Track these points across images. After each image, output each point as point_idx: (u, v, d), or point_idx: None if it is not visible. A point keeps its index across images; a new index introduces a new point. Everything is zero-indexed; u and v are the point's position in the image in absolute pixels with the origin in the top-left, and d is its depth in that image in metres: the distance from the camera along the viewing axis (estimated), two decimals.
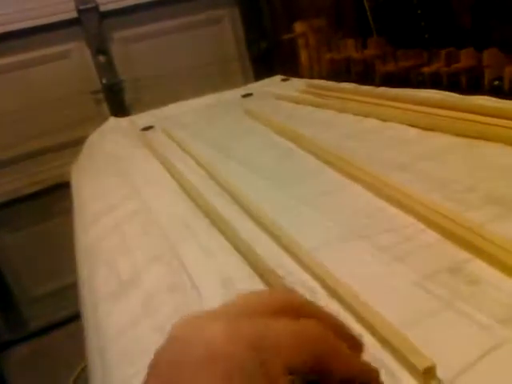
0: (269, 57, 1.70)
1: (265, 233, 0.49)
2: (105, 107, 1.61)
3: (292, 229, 0.47)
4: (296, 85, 1.20)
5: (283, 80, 1.32)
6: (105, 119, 1.27)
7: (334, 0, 1.35)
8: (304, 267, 0.41)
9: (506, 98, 0.73)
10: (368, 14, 1.19)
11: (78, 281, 0.57)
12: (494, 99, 0.74)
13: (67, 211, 0.86)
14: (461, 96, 0.80)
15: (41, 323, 1.65)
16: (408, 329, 0.31)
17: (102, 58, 1.61)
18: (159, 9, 1.67)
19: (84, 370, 1.31)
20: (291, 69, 1.39)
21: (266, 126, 0.89)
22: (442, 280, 0.36)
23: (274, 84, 1.29)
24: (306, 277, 0.40)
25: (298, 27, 1.33)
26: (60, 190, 1.34)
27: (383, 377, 0.27)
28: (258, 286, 0.40)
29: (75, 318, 0.57)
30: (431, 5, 1.10)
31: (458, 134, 0.64)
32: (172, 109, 1.22)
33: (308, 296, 0.37)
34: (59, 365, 1.41)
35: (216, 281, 0.43)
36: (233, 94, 1.24)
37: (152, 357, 0.20)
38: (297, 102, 1.03)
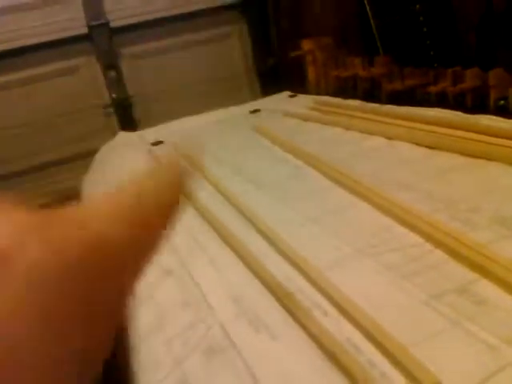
0: (276, 73, 1.72)
1: (274, 249, 0.50)
2: (114, 121, 1.64)
3: (300, 246, 0.48)
4: (303, 101, 1.22)
5: (291, 96, 1.33)
6: (114, 133, 1.29)
7: (340, 18, 1.38)
8: (313, 285, 0.42)
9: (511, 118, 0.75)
10: (374, 32, 1.21)
11: None
12: (499, 119, 0.76)
13: None
14: (466, 115, 0.81)
15: None
16: (415, 347, 0.32)
17: (111, 73, 1.64)
18: (168, 25, 1.70)
19: None
20: (298, 85, 1.41)
21: (274, 142, 0.90)
22: (449, 300, 0.37)
23: (281, 100, 1.31)
24: (316, 294, 0.41)
25: (306, 45, 1.35)
26: (70, 203, 1.36)
27: None
28: (268, 301, 0.41)
29: None
30: (437, 24, 1.12)
31: (463, 154, 0.65)
32: (181, 124, 1.24)
33: (318, 314, 0.38)
34: None
35: (227, 296, 0.44)
36: (241, 110, 1.26)
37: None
38: (304, 118, 1.04)
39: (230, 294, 0.44)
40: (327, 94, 1.26)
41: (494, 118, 0.77)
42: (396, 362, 0.31)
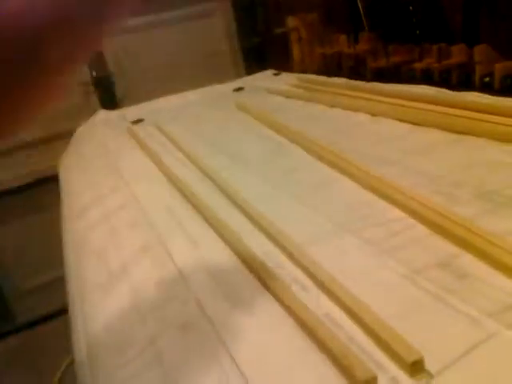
0: (261, 51, 1.69)
1: (254, 226, 0.49)
2: (94, 100, 1.60)
3: (281, 222, 0.47)
4: (287, 79, 1.20)
5: (275, 74, 1.31)
6: (94, 112, 1.25)
7: None
8: (293, 260, 0.41)
9: (496, 95, 0.74)
10: (360, 9, 1.19)
11: (66, 273, 0.56)
12: (484, 95, 0.75)
13: (56, 204, 0.85)
14: (451, 92, 0.80)
15: (29, 317, 1.64)
16: (397, 322, 0.31)
17: None
18: (151, 1, 1.65)
19: (70, 365, 1.30)
20: (283, 63, 1.39)
21: (256, 119, 0.89)
22: (431, 274, 0.36)
23: (265, 78, 1.29)
24: (296, 270, 0.40)
25: (291, 22, 1.32)
26: (49, 183, 1.32)
27: (373, 369, 0.28)
28: (246, 276, 0.40)
29: (64, 312, 0.57)
30: (423, 1, 1.10)
31: (447, 130, 0.64)
32: (162, 102, 1.21)
33: (298, 289, 0.37)
34: (47, 359, 1.40)
35: (204, 273, 0.42)
36: (224, 88, 1.24)
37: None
38: (288, 95, 1.03)
39: (207, 270, 0.42)
40: (312, 71, 1.24)
41: (479, 94, 0.76)
42: (376, 337, 0.30)
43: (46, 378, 1.38)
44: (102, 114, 1.20)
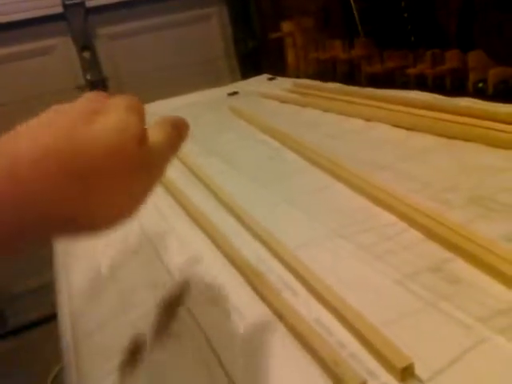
0: (256, 56, 1.69)
1: (246, 230, 0.48)
2: None
3: (273, 227, 0.47)
4: (282, 84, 1.20)
5: (270, 79, 1.31)
6: None
7: (321, 0, 1.36)
8: (285, 265, 0.41)
9: (490, 101, 0.74)
10: (355, 15, 1.19)
11: (54, 276, 0.55)
12: (477, 101, 0.75)
13: None
14: (445, 97, 0.80)
15: (20, 321, 1.62)
16: (388, 327, 0.31)
17: (86, 54, 1.59)
18: (146, 6, 1.66)
19: (62, 369, 1.29)
20: (278, 68, 1.39)
21: (251, 124, 0.88)
22: (423, 279, 0.35)
23: (260, 83, 1.29)
24: (287, 274, 0.39)
25: (286, 26, 1.32)
26: None
27: (364, 375, 0.27)
28: (238, 281, 0.39)
29: (55, 316, 0.56)
30: (417, 8, 1.11)
31: (440, 135, 0.64)
32: (156, 106, 1.21)
33: (288, 294, 0.36)
34: (38, 364, 1.39)
35: (194, 276, 0.42)
36: (219, 92, 1.23)
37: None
38: (282, 100, 1.02)
39: (197, 274, 0.42)
40: (307, 76, 1.24)
41: (473, 100, 0.76)
42: (366, 343, 0.30)
43: (37, 382, 1.36)
44: None
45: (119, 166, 0.24)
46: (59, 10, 1.57)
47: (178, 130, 0.32)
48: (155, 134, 0.30)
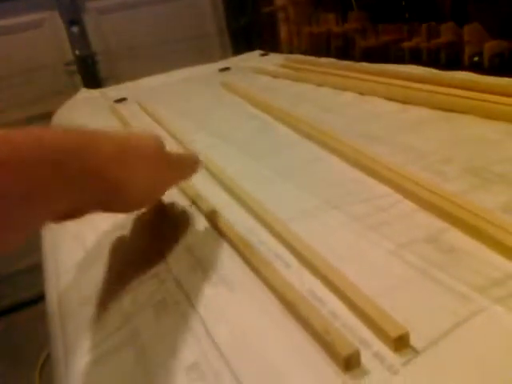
0: (248, 31, 1.66)
1: (237, 202, 0.47)
2: (78, 80, 1.56)
3: (266, 199, 0.46)
4: (275, 59, 1.18)
5: (262, 55, 1.29)
6: (77, 92, 1.22)
7: None
8: (277, 237, 0.39)
9: (485, 74, 0.73)
10: None
11: (42, 256, 0.54)
12: (473, 75, 0.74)
13: None
14: (440, 71, 0.79)
15: (10, 302, 1.61)
16: (382, 298, 0.30)
17: (75, 29, 1.55)
18: None
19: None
20: (271, 44, 1.37)
21: (242, 98, 0.87)
22: (418, 249, 0.35)
23: (252, 58, 1.27)
24: (279, 247, 0.38)
25: (278, 0, 1.30)
26: None
27: (356, 344, 0.26)
28: (227, 253, 0.38)
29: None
30: None
31: (435, 107, 0.63)
32: (146, 82, 1.19)
33: (280, 265, 0.35)
34: (29, 344, 1.39)
35: (183, 248, 0.41)
36: (210, 68, 1.21)
37: None
38: (275, 75, 1.01)
39: (186, 246, 0.41)
40: (300, 52, 1.22)
41: (469, 73, 0.75)
42: (360, 313, 0.29)
43: (29, 362, 1.36)
44: (84, 93, 1.17)
45: (154, 159, 0.39)
46: None
47: (192, 161, 0.46)
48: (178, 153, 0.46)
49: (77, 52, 1.54)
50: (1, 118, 1.50)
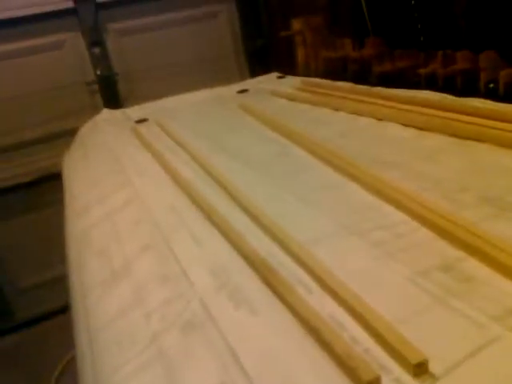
0: (265, 54, 1.69)
1: (258, 226, 0.49)
2: (98, 99, 1.60)
3: (285, 223, 0.47)
4: (292, 82, 1.20)
5: (279, 77, 1.31)
6: (98, 111, 1.26)
7: None
8: (297, 261, 0.41)
9: (501, 101, 0.74)
10: (365, 13, 1.19)
11: (68, 269, 0.56)
12: (488, 102, 0.75)
13: (58, 202, 0.85)
14: (456, 98, 0.80)
15: (27, 315, 1.63)
16: (401, 324, 0.31)
17: (96, 50, 1.60)
18: (156, 2, 1.66)
19: (68, 363, 1.30)
20: (287, 66, 1.39)
21: (260, 121, 0.89)
22: (435, 277, 0.36)
23: (269, 81, 1.29)
24: (299, 270, 0.40)
25: (295, 24, 1.32)
26: (52, 181, 1.32)
27: (377, 370, 0.28)
28: (250, 276, 0.40)
29: (62, 310, 0.57)
30: (428, 7, 1.10)
31: (452, 135, 0.64)
32: (166, 102, 1.22)
33: (302, 290, 0.37)
34: (45, 356, 1.40)
35: (208, 272, 0.42)
36: (228, 90, 1.24)
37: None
38: (292, 98, 1.03)
39: (211, 269, 0.42)
40: (317, 75, 1.24)
41: (484, 100, 0.76)
42: (380, 339, 0.30)
43: (44, 375, 1.37)
44: (106, 113, 1.20)
45: None
46: (70, 4, 1.57)
47: None
48: None
49: (98, 72, 1.58)
50: (25, 134, 1.55)
